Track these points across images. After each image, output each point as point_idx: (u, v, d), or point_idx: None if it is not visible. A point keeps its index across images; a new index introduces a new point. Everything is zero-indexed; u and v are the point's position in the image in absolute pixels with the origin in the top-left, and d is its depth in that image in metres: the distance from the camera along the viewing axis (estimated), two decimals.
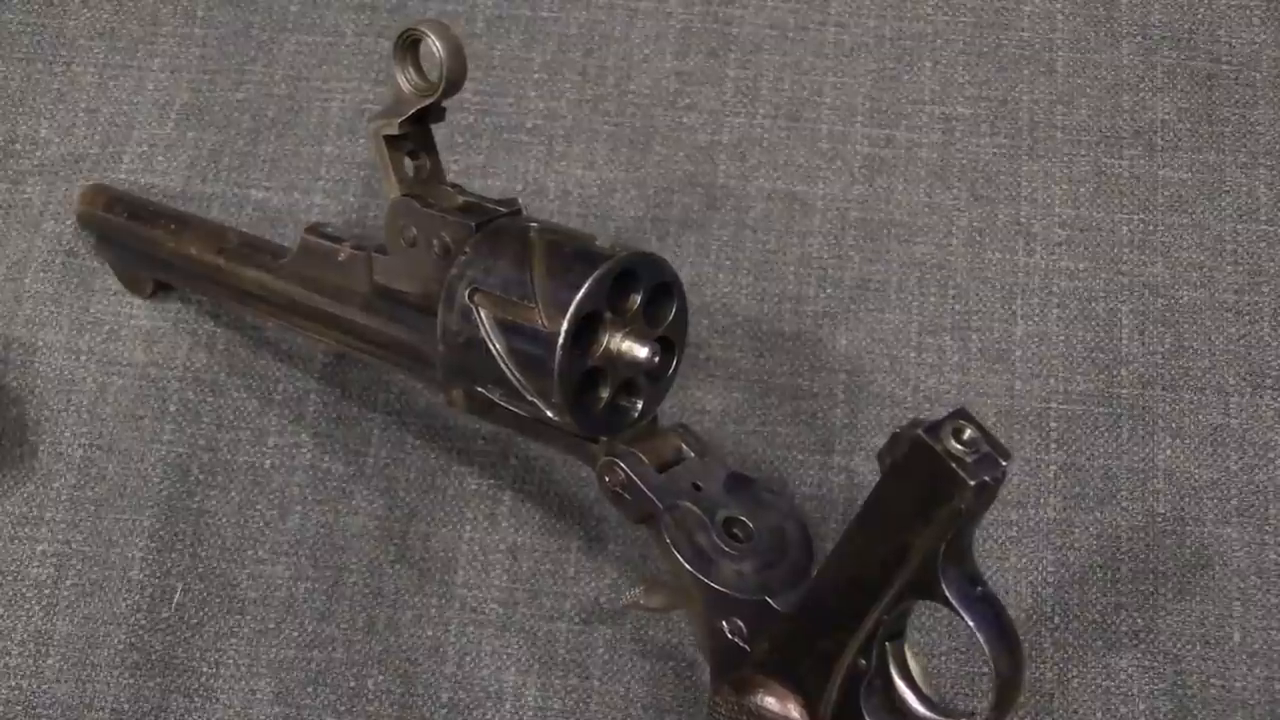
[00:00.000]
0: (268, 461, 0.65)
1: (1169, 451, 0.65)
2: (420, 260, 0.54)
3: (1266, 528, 0.63)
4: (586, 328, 0.50)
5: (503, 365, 0.51)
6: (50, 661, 0.62)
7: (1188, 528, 0.63)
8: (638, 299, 0.52)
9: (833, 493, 0.64)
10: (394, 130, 0.54)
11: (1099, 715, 0.61)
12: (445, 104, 0.54)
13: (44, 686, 0.62)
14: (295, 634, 0.63)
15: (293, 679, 0.62)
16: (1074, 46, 0.73)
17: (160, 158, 0.72)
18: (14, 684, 0.62)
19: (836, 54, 0.73)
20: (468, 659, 0.62)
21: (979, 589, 0.45)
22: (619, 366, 0.52)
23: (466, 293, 0.52)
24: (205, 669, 0.62)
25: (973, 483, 0.42)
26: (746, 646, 0.50)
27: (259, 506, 0.65)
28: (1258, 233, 0.69)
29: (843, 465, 0.65)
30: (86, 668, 0.62)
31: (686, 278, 0.68)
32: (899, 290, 0.68)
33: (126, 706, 0.61)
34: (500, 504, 0.65)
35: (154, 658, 0.62)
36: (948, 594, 0.45)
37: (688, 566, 0.51)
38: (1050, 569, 0.63)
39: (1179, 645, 0.62)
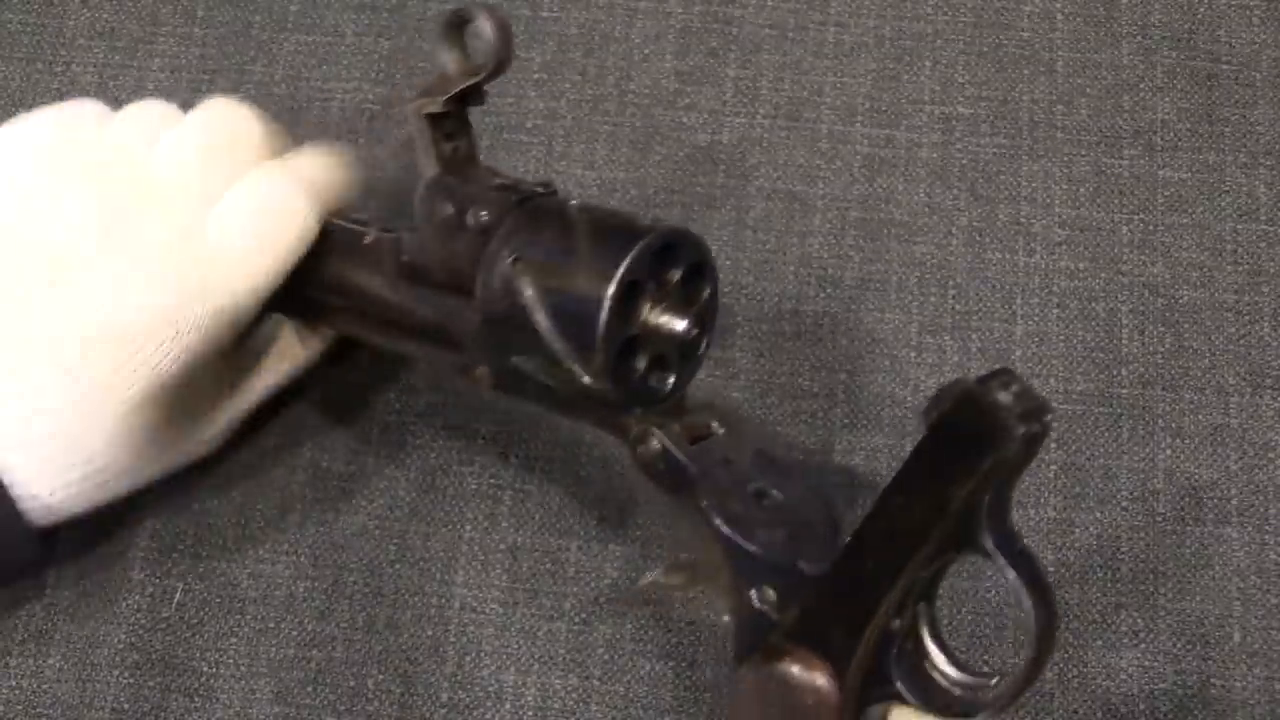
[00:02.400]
0: (268, 461, 0.65)
1: (1169, 451, 0.65)
2: (453, 238, 0.54)
3: (1266, 528, 0.63)
4: (629, 296, 0.51)
5: (543, 332, 0.51)
6: (50, 661, 0.62)
7: (1188, 528, 0.63)
8: (677, 274, 0.53)
9: (833, 493, 0.64)
10: (437, 108, 0.54)
11: (1099, 715, 0.61)
12: (487, 88, 0.55)
13: (44, 686, 0.62)
14: (295, 633, 0.63)
15: (292, 678, 0.62)
16: (1074, 46, 0.73)
17: None
18: (14, 684, 0.62)
19: (836, 54, 0.73)
20: (467, 659, 0.62)
21: (1018, 545, 0.47)
22: (656, 339, 0.52)
23: (509, 261, 0.52)
24: (205, 668, 0.62)
25: (1021, 430, 0.44)
26: (775, 616, 0.51)
27: (259, 506, 0.65)
28: (1258, 233, 0.69)
29: (843, 465, 0.65)
30: (86, 667, 0.62)
31: None
32: (899, 290, 0.68)
33: (126, 706, 0.61)
34: (500, 504, 0.65)
35: (154, 657, 0.62)
36: (991, 546, 0.46)
37: (725, 529, 0.52)
38: (1050, 569, 0.63)
39: (1179, 645, 0.62)
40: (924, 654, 0.49)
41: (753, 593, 0.52)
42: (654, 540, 0.64)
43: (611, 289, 0.50)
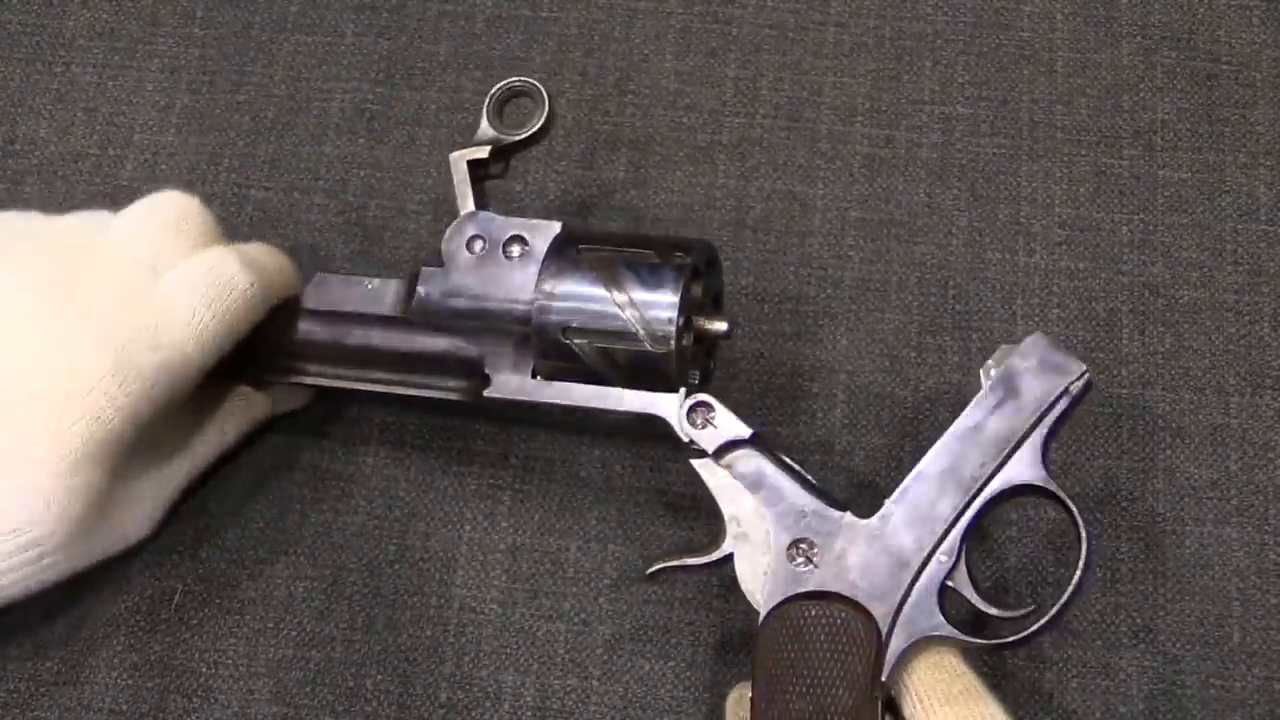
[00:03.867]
0: (267, 461, 0.65)
1: (1169, 451, 0.65)
2: (482, 267, 0.60)
3: (1266, 528, 0.63)
4: (690, 281, 0.58)
5: (618, 306, 0.57)
6: (49, 664, 0.62)
7: (1188, 528, 0.63)
8: (715, 284, 0.62)
9: (832, 493, 0.64)
10: (483, 155, 0.61)
11: (1099, 715, 0.61)
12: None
13: (43, 689, 0.62)
14: (294, 633, 0.63)
15: (291, 678, 0.62)
16: (1074, 46, 0.73)
17: (160, 158, 0.72)
18: (12, 686, 0.62)
19: (836, 54, 0.73)
20: (466, 659, 0.62)
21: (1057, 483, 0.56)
22: (698, 333, 0.60)
23: (575, 251, 0.59)
24: (204, 669, 0.62)
25: (1086, 367, 0.56)
26: (814, 565, 0.55)
27: (259, 506, 0.65)
28: (1258, 233, 0.69)
29: (843, 465, 0.65)
30: (85, 669, 0.62)
31: None
32: (899, 290, 0.68)
33: (125, 707, 0.61)
34: (500, 504, 0.65)
35: (153, 658, 0.62)
36: (1046, 477, 0.55)
37: (786, 470, 0.57)
38: (1050, 569, 0.63)
39: (1179, 645, 0.61)
40: (959, 593, 0.55)
41: (792, 544, 0.56)
42: (654, 541, 0.64)
43: (689, 261, 0.58)
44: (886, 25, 0.74)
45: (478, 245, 0.60)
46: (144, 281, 0.58)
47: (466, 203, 0.61)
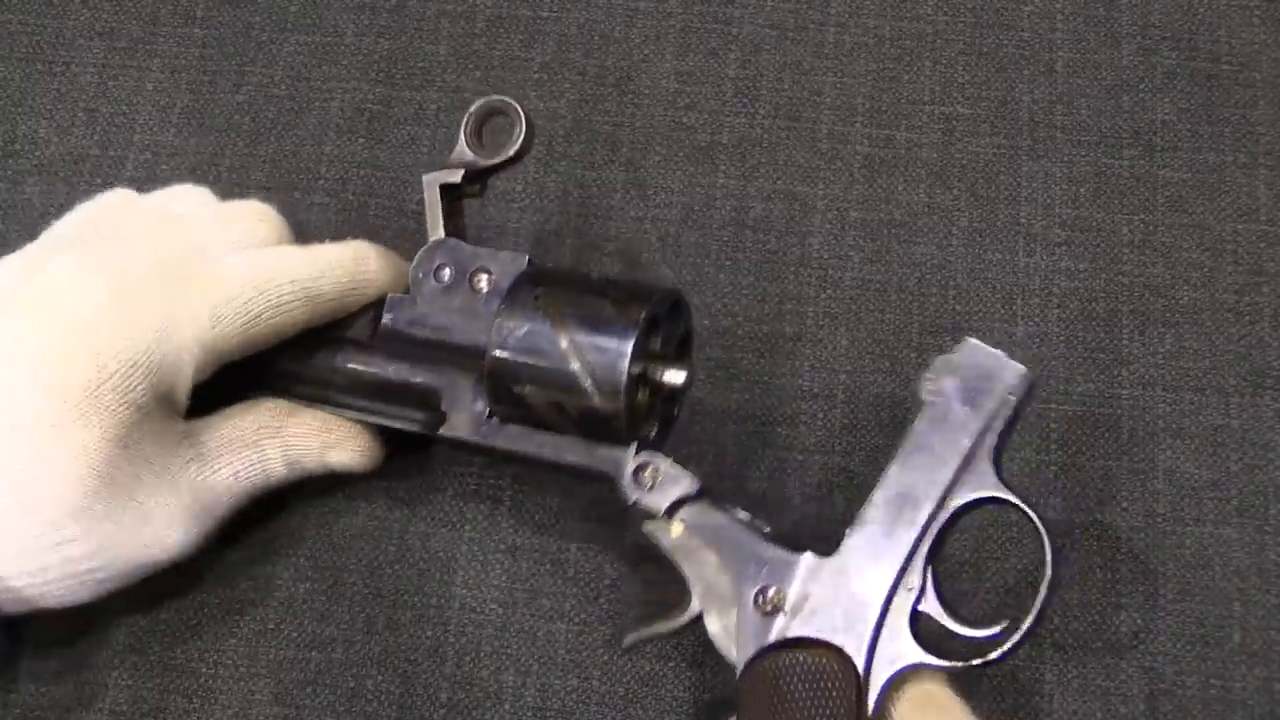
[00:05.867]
0: None
1: (1169, 451, 0.65)
2: (447, 298, 0.59)
3: (1266, 528, 0.63)
4: (646, 333, 0.56)
5: (568, 356, 0.55)
6: (49, 664, 0.62)
7: (1188, 528, 0.63)
8: (677, 331, 0.59)
9: (833, 493, 0.64)
10: (455, 180, 0.60)
11: (1099, 715, 0.61)
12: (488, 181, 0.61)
13: (42, 689, 0.62)
14: (294, 634, 0.63)
15: (291, 679, 0.62)
16: (1074, 46, 0.73)
17: (160, 158, 0.72)
18: (12, 687, 0.62)
19: (836, 54, 0.73)
20: (467, 659, 0.62)
21: (1016, 489, 0.54)
22: (655, 385, 0.58)
23: (533, 295, 0.57)
24: (204, 670, 0.62)
25: (1025, 369, 0.54)
26: (782, 611, 0.54)
27: (259, 506, 0.64)
28: (1258, 233, 0.69)
29: (842, 466, 0.65)
30: (85, 670, 0.62)
31: (686, 278, 0.68)
32: (899, 290, 0.68)
33: (125, 708, 0.61)
34: (500, 504, 0.65)
35: (152, 659, 0.62)
36: (1004, 481, 0.53)
37: (738, 520, 0.56)
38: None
39: (1179, 645, 0.62)
40: (932, 615, 0.53)
41: (756, 594, 0.54)
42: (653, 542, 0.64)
43: (643, 314, 0.55)
44: (886, 25, 0.74)
45: (445, 274, 0.59)
46: (206, 255, 0.58)
47: (436, 228, 0.59)
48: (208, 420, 0.59)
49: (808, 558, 0.54)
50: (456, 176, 0.59)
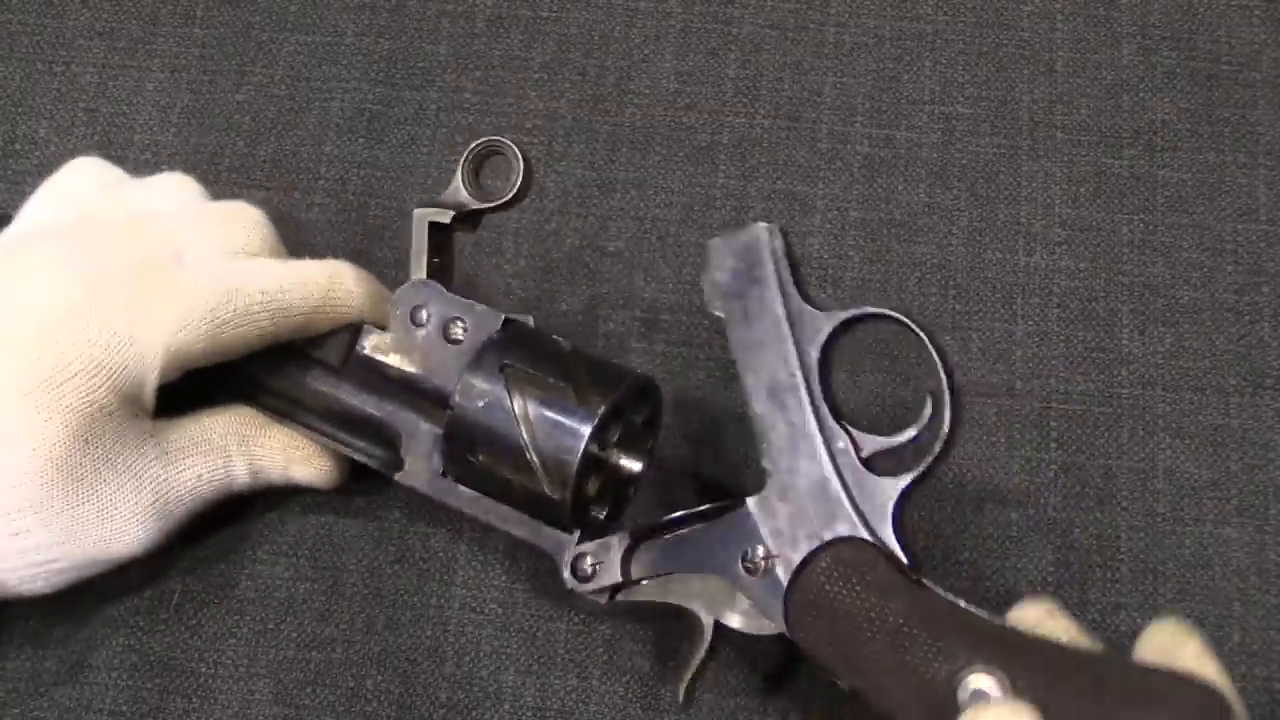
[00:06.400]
0: None
1: (1169, 451, 0.65)
2: (421, 341, 0.59)
3: (1266, 528, 0.63)
4: (607, 422, 0.56)
5: (523, 436, 0.55)
6: (48, 664, 0.62)
7: (1188, 528, 0.63)
8: (640, 417, 0.59)
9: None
10: (445, 220, 0.59)
11: None
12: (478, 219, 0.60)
13: (42, 689, 0.62)
14: (294, 634, 0.63)
15: (291, 679, 0.62)
16: (1074, 46, 0.73)
17: (160, 158, 0.72)
18: (11, 687, 0.62)
19: (836, 54, 0.73)
20: (467, 659, 0.62)
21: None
22: (610, 471, 0.59)
23: (499, 364, 0.56)
24: (204, 670, 0.62)
25: (765, 224, 0.56)
26: (773, 556, 0.54)
27: (259, 506, 0.65)
28: (1258, 233, 0.69)
29: None
30: (84, 669, 0.62)
31: (687, 278, 0.68)
32: (899, 290, 0.68)
33: (125, 708, 0.61)
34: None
35: (152, 659, 0.62)
36: (835, 312, 0.56)
37: (678, 529, 0.56)
38: (1050, 569, 0.63)
39: None
40: (876, 446, 0.55)
41: (741, 566, 0.55)
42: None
43: (603, 409, 0.55)
44: (886, 25, 0.74)
45: (422, 315, 0.59)
46: (179, 256, 0.58)
47: (420, 268, 0.59)
48: (176, 421, 0.59)
49: (752, 502, 0.55)
50: (447, 217, 0.59)
